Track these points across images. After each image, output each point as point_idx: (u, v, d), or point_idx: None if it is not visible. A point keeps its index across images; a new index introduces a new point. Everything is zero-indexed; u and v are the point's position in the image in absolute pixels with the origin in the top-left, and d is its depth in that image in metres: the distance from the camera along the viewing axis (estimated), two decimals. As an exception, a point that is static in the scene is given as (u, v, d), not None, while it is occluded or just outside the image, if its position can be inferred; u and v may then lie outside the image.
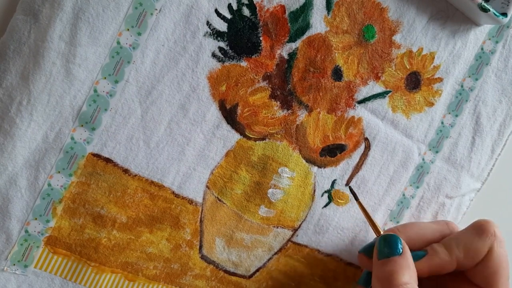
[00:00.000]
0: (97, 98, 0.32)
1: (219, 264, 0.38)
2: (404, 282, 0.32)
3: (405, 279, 0.32)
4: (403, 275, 0.32)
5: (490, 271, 0.35)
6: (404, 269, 0.33)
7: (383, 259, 0.34)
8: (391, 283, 0.32)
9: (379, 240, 0.35)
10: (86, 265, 0.35)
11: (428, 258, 0.36)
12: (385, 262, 0.33)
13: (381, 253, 0.34)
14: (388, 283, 0.32)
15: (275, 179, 0.38)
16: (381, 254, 0.34)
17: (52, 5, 0.29)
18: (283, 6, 0.34)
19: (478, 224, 0.36)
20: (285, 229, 0.39)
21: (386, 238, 0.35)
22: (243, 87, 0.35)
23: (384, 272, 0.33)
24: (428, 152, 0.42)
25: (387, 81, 0.38)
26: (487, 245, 0.35)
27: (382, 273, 0.33)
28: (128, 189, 0.34)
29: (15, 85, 0.30)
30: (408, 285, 0.32)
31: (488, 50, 0.41)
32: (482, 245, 0.35)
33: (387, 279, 0.32)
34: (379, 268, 0.34)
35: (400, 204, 0.42)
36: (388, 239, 0.35)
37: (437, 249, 0.36)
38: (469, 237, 0.36)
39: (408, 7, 0.37)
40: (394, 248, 0.34)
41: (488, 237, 0.35)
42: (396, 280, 0.32)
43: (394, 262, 0.33)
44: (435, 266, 0.36)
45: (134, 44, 0.32)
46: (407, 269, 0.33)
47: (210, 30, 0.33)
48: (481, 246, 0.35)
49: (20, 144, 0.31)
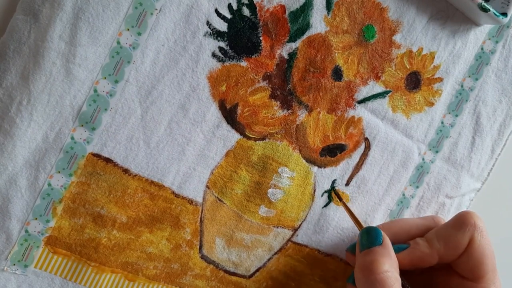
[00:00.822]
0: (97, 98, 0.32)
1: (219, 264, 0.38)
2: (384, 270, 0.32)
3: (385, 267, 0.33)
4: (383, 264, 0.33)
5: (474, 262, 0.36)
6: (384, 257, 0.33)
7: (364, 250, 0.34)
8: (372, 271, 0.32)
9: (360, 234, 0.36)
10: (86, 265, 0.35)
11: (410, 251, 0.36)
12: (367, 253, 0.34)
13: (362, 245, 0.35)
14: (369, 272, 0.33)
15: (275, 179, 0.38)
16: (362, 246, 0.35)
17: (52, 5, 0.29)
18: (283, 6, 0.34)
19: (458, 216, 0.37)
20: (285, 229, 0.39)
21: (368, 230, 0.35)
22: (243, 87, 0.35)
23: (365, 261, 0.34)
24: (428, 152, 0.42)
25: (387, 81, 0.38)
26: (467, 237, 0.35)
27: (363, 263, 0.34)
28: (128, 189, 0.34)
29: (15, 85, 0.30)
30: (388, 273, 0.32)
31: (488, 50, 0.41)
32: (462, 237, 0.35)
33: (368, 267, 0.33)
34: (361, 259, 0.34)
35: (400, 204, 0.42)
36: (369, 231, 0.35)
37: (418, 242, 0.37)
38: (449, 230, 0.36)
39: (408, 7, 0.37)
40: (375, 238, 0.35)
41: (468, 229, 0.35)
42: (377, 268, 0.32)
43: (374, 251, 0.34)
44: (416, 258, 0.36)
45: (134, 44, 0.32)
46: (388, 257, 0.33)
47: (210, 30, 0.33)
48: (461, 238, 0.35)
49: (20, 144, 0.31)
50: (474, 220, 0.36)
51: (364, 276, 0.33)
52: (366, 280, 0.33)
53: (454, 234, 0.36)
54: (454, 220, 0.37)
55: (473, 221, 0.36)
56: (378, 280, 0.32)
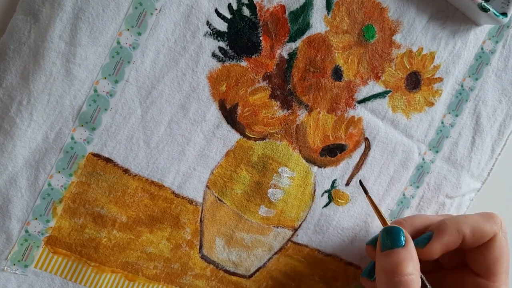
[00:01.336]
0: (97, 98, 0.32)
1: (219, 264, 0.38)
2: (408, 273, 0.32)
3: (409, 269, 0.32)
4: (407, 266, 0.32)
5: (492, 259, 0.36)
6: (407, 260, 0.33)
7: (386, 250, 0.34)
8: (396, 274, 0.32)
9: (382, 232, 0.35)
10: (86, 265, 0.35)
11: (437, 236, 0.36)
12: (389, 253, 0.34)
13: (384, 245, 0.35)
14: (392, 274, 0.32)
15: (275, 179, 0.38)
16: (384, 246, 0.35)
17: (52, 5, 0.29)
18: (283, 6, 0.34)
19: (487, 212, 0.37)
20: (285, 229, 0.39)
21: (389, 230, 0.35)
22: (243, 87, 0.35)
23: (388, 263, 0.33)
24: (428, 152, 0.42)
25: (387, 81, 0.38)
26: (493, 230, 0.36)
27: (385, 264, 0.33)
28: (128, 189, 0.34)
29: (15, 85, 0.30)
30: (412, 276, 0.32)
31: (488, 50, 0.41)
32: (489, 228, 0.36)
33: (391, 270, 0.33)
34: (383, 260, 0.34)
35: (400, 204, 0.42)
36: (391, 231, 0.35)
37: (445, 223, 0.36)
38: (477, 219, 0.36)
39: (408, 7, 0.37)
40: (397, 240, 0.34)
41: (495, 223, 0.36)
42: (400, 271, 0.32)
43: (397, 253, 0.33)
44: (446, 244, 0.36)
45: (134, 44, 0.32)
46: (411, 260, 0.33)
47: (210, 30, 0.33)
48: (488, 229, 0.36)
49: (20, 144, 0.31)
50: (501, 220, 0.36)
51: (388, 277, 0.33)
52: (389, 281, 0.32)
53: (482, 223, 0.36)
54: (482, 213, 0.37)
55: (500, 219, 0.36)
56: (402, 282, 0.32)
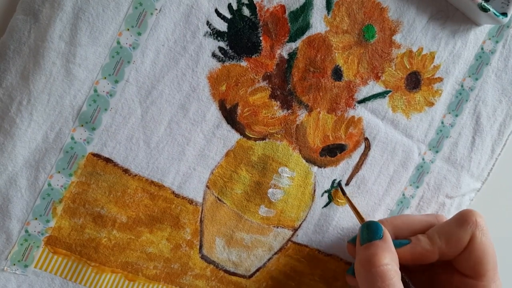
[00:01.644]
0: (97, 98, 0.32)
1: (219, 264, 0.38)
2: (385, 263, 0.33)
3: (385, 260, 0.33)
4: (384, 257, 0.33)
5: (475, 259, 0.36)
6: (384, 251, 0.33)
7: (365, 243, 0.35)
8: (372, 264, 0.33)
9: (361, 227, 0.36)
10: (86, 265, 0.35)
11: (411, 246, 0.36)
12: (367, 246, 0.34)
13: (363, 238, 0.35)
14: (369, 264, 0.33)
15: (275, 179, 0.38)
16: (363, 239, 0.35)
17: (52, 5, 0.29)
18: (283, 6, 0.34)
19: (460, 214, 0.37)
20: (285, 229, 0.39)
21: (368, 225, 0.36)
22: (243, 87, 0.35)
23: (365, 255, 0.34)
24: (428, 152, 0.42)
25: (387, 81, 0.38)
26: (468, 234, 0.36)
27: (363, 256, 0.34)
28: (128, 189, 0.34)
29: (15, 85, 0.30)
30: (389, 266, 0.33)
31: (488, 50, 0.41)
32: (463, 234, 0.36)
33: (368, 260, 0.33)
34: (361, 252, 0.34)
35: (400, 204, 0.42)
36: (369, 225, 0.35)
37: (420, 238, 0.37)
38: (450, 227, 0.37)
39: (408, 7, 0.37)
40: (375, 232, 0.35)
41: (469, 226, 0.36)
42: (377, 261, 0.33)
43: (375, 245, 0.34)
44: (417, 254, 0.36)
45: (134, 44, 0.32)
46: (388, 251, 0.34)
47: (210, 30, 0.33)
48: (462, 235, 0.36)
49: (20, 144, 0.31)
50: (476, 218, 0.36)
51: (364, 268, 0.33)
52: (366, 272, 0.33)
53: (456, 231, 0.36)
54: (456, 218, 0.37)
55: (474, 218, 0.36)
56: (378, 272, 0.32)
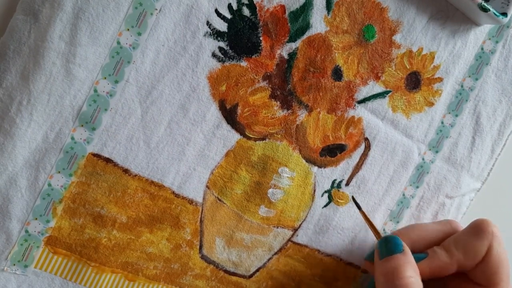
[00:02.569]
0: (97, 98, 0.32)
1: (219, 264, 0.38)
2: (408, 275, 0.32)
3: (409, 272, 0.32)
4: (406, 270, 0.33)
5: (491, 270, 0.35)
6: (407, 264, 0.33)
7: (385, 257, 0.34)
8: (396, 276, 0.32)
9: (379, 243, 0.36)
10: (86, 265, 0.35)
11: (429, 260, 0.36)
12: (388, 260, 0.34)
13: (382, 253, 0.35)
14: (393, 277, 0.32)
15: (275, 179, 0.38)
16: (382, 254, 0.35)
17: (52, 5, 0.29)
18: (283, 6, 0.34)
19: (476, 224, 0.36)
20: (285, 229, 0.39)
21: (387, 239, 0.35)
22: (243, 87, 0.35)
23: (387, 268, 0.33)
24: (428, 152, 0.42)
25: (387, 81, 0.38)
26: (485, 245, 0.35)
27: (385, 269, 0.33)
28: (128, 189, 0.34)
29: (15, 85, 0.30)
30: (412, 278, 0.32)
31: (488, 50, 0.41)
32: (481, 245, 0.35)
33: (391, 273, 0.33)
34: (382, 266, 0.34)
35: (400, 204, 0.42)
36: (388, 240, 0.35)
37: (437, 251, 0.36)
38: (467, 238, 0.36)
39: (408, 7, 0.37)
40: (395, 247, 0.34)
41: (486, 237, 0.35)
42: (401, 273, 0.32)
43: (396, 258, 0.34)
44: (436, 268, 0.36)
45: (134, 44, 0.32)
46: (410, 264, 0.33)
47: (210, 30, 0.33)
48: (480, 246, 0.35)
49: (20, 144, 0.31)
50: (492, 228, 0.35)
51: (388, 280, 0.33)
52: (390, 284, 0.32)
53: (473, 243, 0.35)
54: (472, 228, 0.36)
55: (490, 229, 0.35)
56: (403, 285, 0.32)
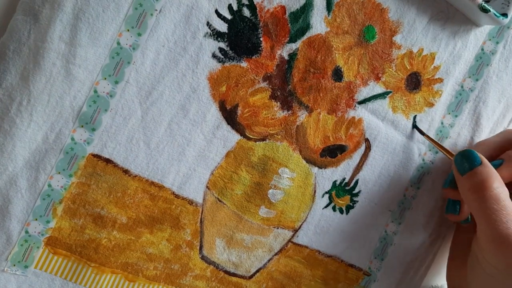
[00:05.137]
0: (97, 99, 0.32)
1: (219, 265, 0.38)
2: (495, 186, 0.33)
3: (495, 184, 0.33)
4: (493, 181, 0.34)
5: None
6: (490, 175, 0.34)
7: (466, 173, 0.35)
8: (484, 188, 0.33)
9: (455, 159, 0.36)
10: (86, 265, 0.35)
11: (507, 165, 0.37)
12: (471, 174, 0.35)
13: (463, 168, 0.35)
14: (481, 190, 0.33)
15: (275, 180, 0.38)
16: (463, 169, 0.35)
17: (52, 6, 0.29)
18: (283, 6, 0.34)
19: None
20: (285, 229, 0.39)
21: (463, 154, 0.36)
22: (243, 88, 0.35)
23: (472, 182, 0.34)
24: (428, 152, 0.42)
25: (387, 82, 0.38)
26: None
27: (471, 184, 0.34)
28: (128, 190, 0.34)
29: (15, 85, 0.30)
30: (499, 188, 0.33)
31: (488, 50, 0.41)
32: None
33: (479, 187, 0.34)
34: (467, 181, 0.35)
35: (401, 205, 0.42)
36: (465, 154, 0.36)
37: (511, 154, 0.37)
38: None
39: (408, 7, 0.37)
40: (473, 159, 0.35)
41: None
42: (488, 186, 0.33)
43: (479, 172, 0.34)
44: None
45: (134, 44, 0.32)
46: (494, 174, 0.34)
47: (210, 31, 0.33)
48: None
49: (20, 145, 0.31)
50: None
51: (476, 193, 0.34)
52: (479, 197, 0.33)
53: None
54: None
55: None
56: (492, 196, 0.33)
